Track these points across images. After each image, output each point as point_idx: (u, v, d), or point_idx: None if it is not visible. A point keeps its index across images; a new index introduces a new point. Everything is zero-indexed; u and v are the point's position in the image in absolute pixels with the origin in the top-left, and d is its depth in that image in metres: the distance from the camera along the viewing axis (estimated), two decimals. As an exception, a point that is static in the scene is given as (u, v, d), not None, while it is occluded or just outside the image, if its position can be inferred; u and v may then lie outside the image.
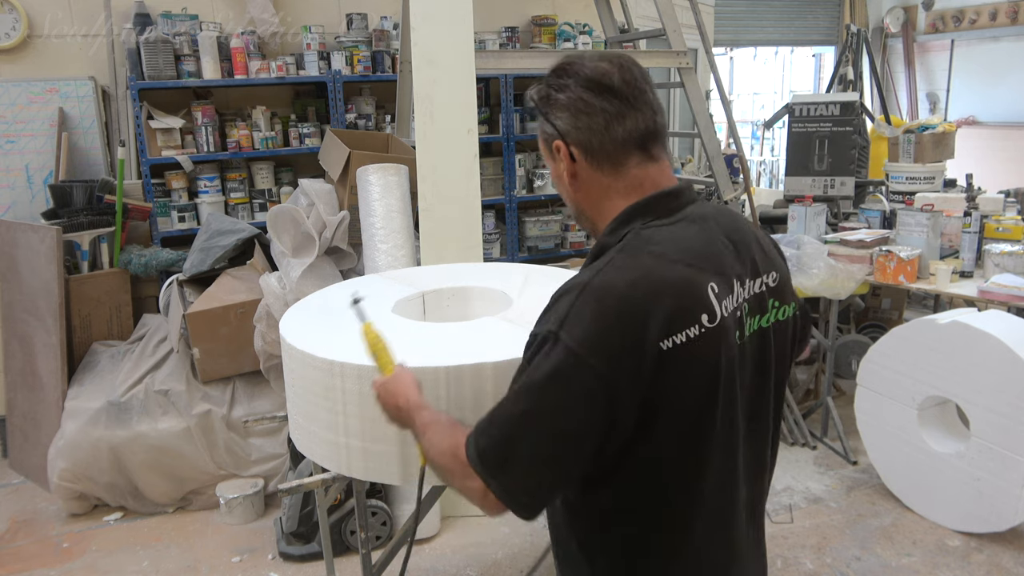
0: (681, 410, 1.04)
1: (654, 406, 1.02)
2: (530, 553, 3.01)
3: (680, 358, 1.01)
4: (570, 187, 1.16)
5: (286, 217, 3.37)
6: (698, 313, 1.02)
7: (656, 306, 1.00)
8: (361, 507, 2.32)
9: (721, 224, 1.14)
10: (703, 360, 1.03)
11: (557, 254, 4.94)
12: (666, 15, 3.73)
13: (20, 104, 3.84)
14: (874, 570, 2.86)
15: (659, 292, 1.01)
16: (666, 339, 1.00)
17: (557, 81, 1.14)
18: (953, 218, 3.87)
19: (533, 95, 1.18)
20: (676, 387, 1.02)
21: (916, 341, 3.11)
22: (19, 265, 3.66)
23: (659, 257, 1.05)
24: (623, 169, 1.12)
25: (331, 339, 1.85)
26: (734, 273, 1.10)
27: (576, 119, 1.11)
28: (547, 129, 1.16)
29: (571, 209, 1.21)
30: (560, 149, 1.14)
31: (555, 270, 2.45)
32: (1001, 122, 6.82)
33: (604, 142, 1.11)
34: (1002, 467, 2.86)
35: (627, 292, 1.01)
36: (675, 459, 1.07)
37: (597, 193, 1.14)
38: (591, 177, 1.14)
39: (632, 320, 0.99)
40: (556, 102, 1.13)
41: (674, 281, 1.03)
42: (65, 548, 3.12)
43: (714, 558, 1.16)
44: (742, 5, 7.38)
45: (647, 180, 1.13)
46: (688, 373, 1.02)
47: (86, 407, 3.28)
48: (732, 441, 1.12)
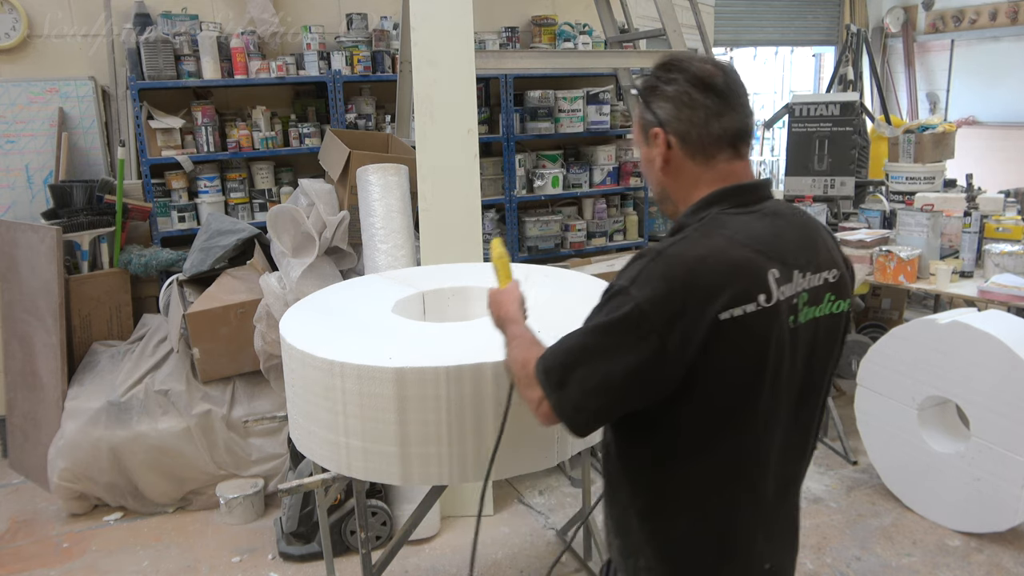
0: (725, 377, 1.15)
1: (702, 370, 1.13)
2: (530, 553, 3.01)
3: (733, 330, 1.12)
4: (660, 171, 1.27)
5: (286, 217, 3.37)
6: (755, 293, 1.14)
7: (719, 281, 1.12)
8: (361, 507, 2.32)
9: (792, 221, 1.26)
10: (754, 335, 1.14)
11: (557, 254, 4.94)
12: (666, 15, 3.73)
13: (20, 104, 3.84)
14: (874, 570, 2.86)
15: (723, 269, 1.13)
16: (724, 311, 1.11)
17: (666, 75, 1.23)
18: (953, 218, 3.87)
19: (638, 84, 1.29)
20: (724, 355, 1.13)
21: (916, 341, 3.10)
22: (19, 265, 3.66)
23: (729, 239, 1.16)
24: (713, 162, 1.23)
25: (331, 339, 1.86)
26: (796, 264, 1.21)
27: (679, 111, 1.22)
28: (647, 116, 1.25)
29: (655, 191, 1.32)
30: (658, 136, 1.24)
31: (555, 270, 2.45)
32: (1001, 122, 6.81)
33: (701, 135, 1.22)
34: (1002, 467, 2.86)
35: (694, 265, 1.13)
36: (711, 422, 1.19)
37: (685, 180, 1.25)
38: (683, 165, 1.25)
39: (695, 290, 1.11)
40: (662, 93, 1.23)
41: (738, 261, 1.15)
42: (65, 548, 3.12)
43: (736, 520, 1.27)
44: (742, 5, 7.38)
45: (732, 175, 1.24)
46: (738, 344, 1.14)
47: (86, 407, 3.28)
48: (773, 416, 1.23)
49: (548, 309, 2.05)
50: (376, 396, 1.69)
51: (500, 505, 3.32)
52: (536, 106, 4.79)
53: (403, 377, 1.66)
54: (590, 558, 2.90)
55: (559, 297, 2.17)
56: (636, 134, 1.31)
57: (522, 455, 1.76)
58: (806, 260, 1.23)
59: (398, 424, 1.69)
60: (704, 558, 1.28)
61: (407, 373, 1.66)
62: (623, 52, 4.27)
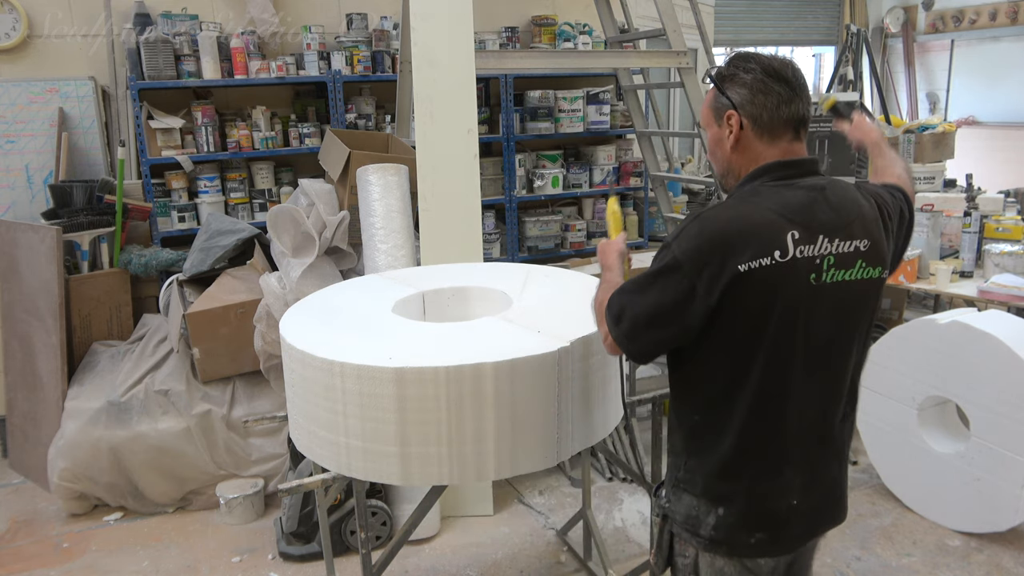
0: (741, 318, 1.38)
1: (724, 310, 1.37)
2: (530, 553, 3.01)
3: (750, 280, 1.35)
4: (730, 149, 1.47)
5: (286, 217, 3.37)
6: (771, 249, 1.35)
7: (741, 239, 1.35)
8: (361, 507, 2.32)
9: (830, 195, 1.44)
10: (767, 284, 1.36)
11: (557, 254, 4.94)
12: (666, 15, 3.73)
13: (20, 104, 3.84)
14: (874, 570, 2.86)
15: (746, 229, 1.36)
16: (743, 264, 1.34)
17: (744, 64, 1.43)
18: (953, 218, 3.87)
19: (712, 72, 1.49)
20: (743, 299, 1.36)
21: (916, 341, 3.11)
22: (19, 265, 3.66)
23: (757, 206, 1.39)
24: (778, 142, 1.44)
25: (331, 339, 1.86)
26: (822, 230, 1.39)
27: (754, 96, 1.42)
28: (722, 101, 1.45)
29: (720, 168, 1.52)
30: (732, 117, 1.44)
31: (555, 270, 2.45)
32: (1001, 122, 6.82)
33: (772, 118, 1.42)
34: (1002, 467, 2.86)
35: (723, 225, 1.36)
36: (730, 355, 1.42)
37: (749, 157, 1.46)
38: (751, 144, 1.45)
39: (721, 245, 1.35)
40: (739, 80, 1.43)
41: (759, 223, 1.37)
42: (65, 548, 3.12)
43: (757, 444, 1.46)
44: (742, 5, 7.38)
45: (791, 154, 1.45)
46: (754, 291, 1.36)
47: (86, 407, 3.28)
48: (792, 358, 1.42)
49: (548, 309, 2.05)
50: (376, 396, 1.69)
51: (500, 505, 3.32)
52: (536, 106, 4.80)
53: (403, 377, 1.66)
54: (590, 558, 2.90)
55: (559, 297, 2.17)
56: (706, 116, 1.51)
57: (522, 455, 1.76)
58: (834, 228, 1.40)
59: (398, 424, 1.70)
60: (729, 472, 1.48)
61: (407, 373, 1.66)
62: (623, 52, 4.27)
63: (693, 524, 1.52)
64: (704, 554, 1.52)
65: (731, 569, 1.51)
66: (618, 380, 2.00)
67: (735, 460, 1.47)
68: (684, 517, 1.53)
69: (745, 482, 1.47)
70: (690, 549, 1.54)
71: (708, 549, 1.51)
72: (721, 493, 1.49)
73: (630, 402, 2.33)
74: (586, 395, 1.82)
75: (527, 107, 4.83)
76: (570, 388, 1.77)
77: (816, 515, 1.54)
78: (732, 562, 1.50)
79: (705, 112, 1.52)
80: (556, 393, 1.74)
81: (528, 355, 1.71)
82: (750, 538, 1.48)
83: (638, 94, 4.60)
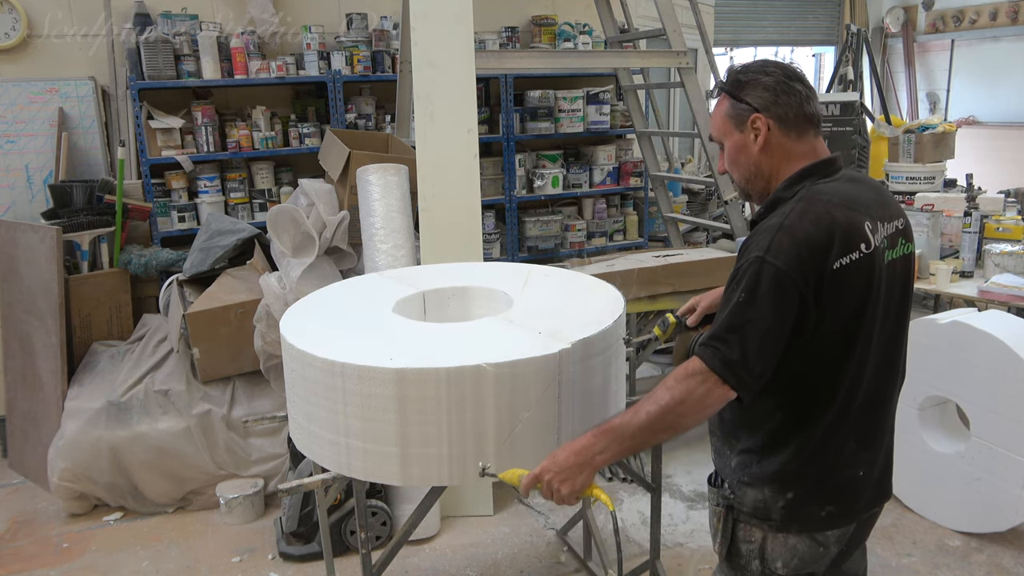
0: (839, 313, 1.43)
1: (824, 308, 1.41)
2: (530, 553, 3.01)
3: (845, 274, 1.41)
4: (758, 151, 1.52)
5: (286, 217, 3.37)
6: (858, 243, 1.43)
7: (831, 238, 1.39)
8: (361, 507, 2.32)
9: (865, 183, 1.56)
10: (860, 276, 1.43)
11: (557, 254, 4.94)
12: (666, 15, 3.73)
13: (20, 104, 3.84)
14: (874, 570, 2.85)
15: (833, 229, 1.40)
16: (837, 261, 1.40)
17: (763, 69, 1.52)
18: (953, 218, 3.87)
19: (724, 84, 1.55)
20: (842, 293, 1.41)
21: (916, 341, 3.07)
22: (19, 265, 3.66)
23: (828, 203, 1.44)
24: (804, 137, 1.52)
25: (331, 339, 1.85)
26: (878, 216, 1.49)
27: (778, 97, 1.49)
28: (743, 107, 1.51)
29: (745, 173, 1.57)
30: (758, 121, 1.50)
31: (555, 270, 2.44)
32: (1001, 122, 6.82)
33: (797, 115, 1.50)
34: (1002, 467, 2.86)
35: (810, 229, 1.39)
36: (822, 350, 1.45)
37: (779, 155, 1.52)
38: (780, 142, 1.51)
39: (817, 248, 1.38)
40: (760, 84, 1.50)
41: (842, 221, 1.42)
42: (65, 548, 3.12)
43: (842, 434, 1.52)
44: (742, 5, 7.38)
45: (815, 149, 1.53)
46: (850, 283, 1.42)
47: (86, 407, 3.28)
48: (871, 342, 1.49)
49: (549, 309, 2.05)
50: (376, 396, 1.68)
51: (500, 505, 3.32)
52: (536, 106, 4.80)
53: (404, 378, 1.66)
54: (590, 558, 2.90)
55: (560, 297, 2.17)
56: (723, 126, 1.56)
57: (522, 456, 1.76)
58: (881, 212, 1.50)
59: (398, 424, 1.69)
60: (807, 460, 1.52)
61: (408, 374, 1.66)
62: (623, 52, 4.28)
63: (763, 511, 1.55)
64: (775, 535, 1.56)
65: (802, 544, 1.55)
66: (618, 381, 2.00)
67: (816, 448, 1.51)
68: (752, 507, 1.56)
69: (819, 465, 1.52)
70: (757, 533, 1.57)
71: (780, 530, 1.55)
72: (794, 480, 1.52)
73: (630, 402, 2.33)
74: (587, 396, 1.82)
75: (527, 107, 4.83)
76: (571, 389, 1.77)
77: (877, 485, 1.63)
78: (803, 537, 1.55)
79: (721, 123, 1.56)
80: (557, 394, 1.74)
81: (529, 356, 1.70)
82: (821, 511, 1.54)
83: (638, 94, 4.60)
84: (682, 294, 3.35)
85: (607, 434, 1.45)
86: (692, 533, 3.11)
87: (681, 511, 3.28)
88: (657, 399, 1.41)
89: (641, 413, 1.42)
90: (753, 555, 1.58)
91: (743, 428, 1.58)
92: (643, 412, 1.42)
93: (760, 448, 1.55)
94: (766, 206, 1.51)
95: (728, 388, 1.38)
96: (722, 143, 1.58)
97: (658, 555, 2.59)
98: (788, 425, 1.52)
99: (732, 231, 3.84)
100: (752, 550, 1.58)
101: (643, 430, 1.42)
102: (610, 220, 5.15)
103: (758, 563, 1.58)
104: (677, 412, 1.40)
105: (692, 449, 3.78)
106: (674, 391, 1.40)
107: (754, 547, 1.58)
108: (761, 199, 1.57)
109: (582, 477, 1.47)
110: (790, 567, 1.56)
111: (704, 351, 1.39)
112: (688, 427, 1.43)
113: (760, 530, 1.57)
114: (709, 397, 1.39)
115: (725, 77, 1.56)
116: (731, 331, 1.38)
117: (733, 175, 1.60)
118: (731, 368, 1.37)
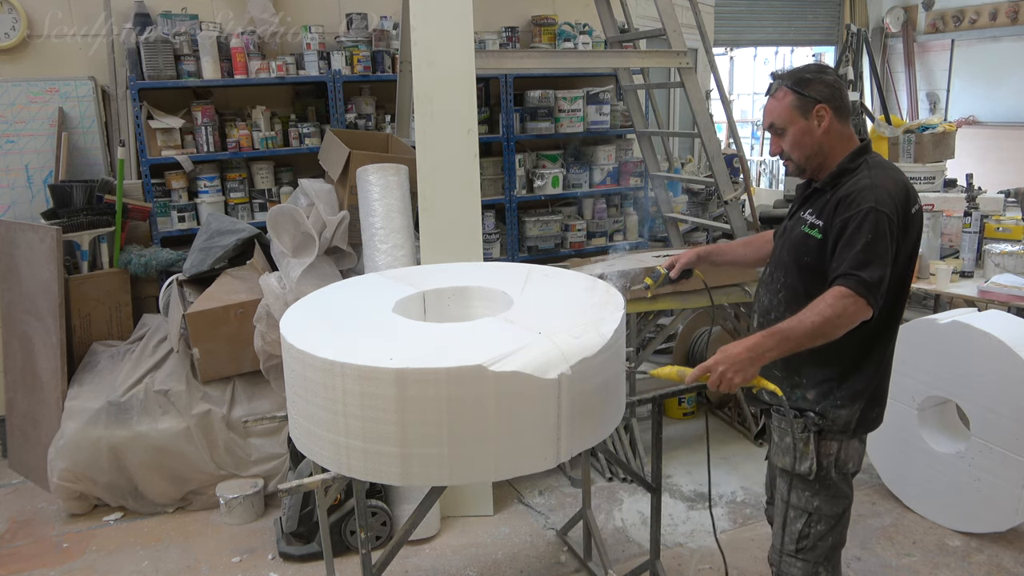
0: (906, 246, 1.88)
1: (900, 244, 1.84)
2: (530, 553, 3.01)
3: (914, 219, 1.90)
4: (821, 136, 1.92)
5: (286, 217, 3.37)
6: (916, 197, 1.92)
7: (907, 192, 1.87)
8: (361, 507, 2.32)
9: None
10: (918, 221, 1.92)
11: (557, 254, 4.94)
12: (666, 15, 3.72)
13: (20, 104, 3.84)
14: (874, 570, 2.86)
15: (906, 185, 1.89)
16: (912, 208, 1.88)
17: (822, 70, 1.94)
18: (953, 218, 3.87)
19: (788, 83, 1.93)
20: (910, 233, 1.88)
21: (916, 341, 3.10)
22: (19, 265, 3.66)
23: (894, 169, 1.92)
24: (848, 123, 1.97)
25: (331, 339, 1.85)
26: None
27: (834, 91, 1.91)
28: (808, 99, 1.90)
29: (806, 152, 1.94)
30: (823, 109, 1.90)
31: (555, 270, 2.45)
32: (1001, 122, 6.82)
33: (846, 106, 1.95)
34: (1002, 467, 2.86)
35: (893, 185, 1.85)
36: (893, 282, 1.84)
37: (837, 137, 1.93)
38: (837, 129, 1.93)
39: (904, 197, 1.85)
40: (822, 81, 1.91)
41: (904, 180, 1.91)
42: (65, 548, 3.12)
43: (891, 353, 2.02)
44: (742, 5, 7.38)
45: (852, 133, 1.98)
46: (914, 226, 1.90)
47: (86, 407, 3.28)
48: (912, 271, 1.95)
49: (549, 309, 2.05)
50: (377, 396, 1.68)
51: (500, 505, 3.32)
52: (536, 106, 4.79)
53: (404, 378, 1.66)
54: (590, 558, 2.90)
55: (560, 297, 2.17)
56: (788, 115, 1.93)
57: (522, 456, 1.76)
58: None
59: (398, 425, 1.69)
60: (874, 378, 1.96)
61: (408, 374, 1.66)
62: (623, 52, 4.27)
63: (843, 427, 1.95)
64: (848, 442, 1.97)
65: (858, 444, 2.00)
66: (618, 380, 2.00)
67: (885, 363, 1.98)
68: (843, 424, 1.94)
69: (883, 376, 2.00)
70: (833, 445, 1.96)
71: (852, 437, 1.97)
72: (873, 393, 1.96)
73: (630, 402, 2.33)
74: (587, 396, 1.82)
75: (527, 107, 4.83)
76: (571, 389, 1.77)
77: None
78: (858, 440, 1.99)
79: (787, 113, 1.93)
80: (557, 394, 1.74)
81: (529, 356, 1.70)
82: (872, 413, 1.98)
83: (638, 94, 4.59)
84: (682, 294, 3.35)
85: (775, 335, 1.77)
86: (692, 533, 3.11)
87: (681, 511, 3.28)
88: (820, 311, 1.74)
89: (806, 322, 1.75)
90: (831, 465, 1.96)
91: (809, 366, 1.95)
92: (808, 321, 1.75)
93: (838, 376, 1.93)
94: (835, 175, 1.91)
95: (869, 308, 1.74)
96: (784, 129, 1.94)
97: (658, 555, 2.59)
98: (867, 347, 1.91)
99: (732, 231, 3.83)
100: (831, 461, 1.96)
101: (807, 335, 1.75)
102: (610, 220, 5.15)
103: (835, 470, 1.97)
104: (835, 323, 1.74)
105: (692, 450, 3.78)
106: (835, 307, 1.74)
107: (831, 458, 1.96)
108: (814, 173, 1.96)
109: (752, 369, 1.77)
110: (856, 464, 2.01)
111: (848, 281, 1.75)
112: (835, 336, 1.76)
113: (836, 442, 1.95)
114: (857, 314, 1.75)
115: (784, 76, 1.94)
116: (865, 265, 1.74)
117: (794, 155, 1.96)
118: (872, 291, 1.74)
